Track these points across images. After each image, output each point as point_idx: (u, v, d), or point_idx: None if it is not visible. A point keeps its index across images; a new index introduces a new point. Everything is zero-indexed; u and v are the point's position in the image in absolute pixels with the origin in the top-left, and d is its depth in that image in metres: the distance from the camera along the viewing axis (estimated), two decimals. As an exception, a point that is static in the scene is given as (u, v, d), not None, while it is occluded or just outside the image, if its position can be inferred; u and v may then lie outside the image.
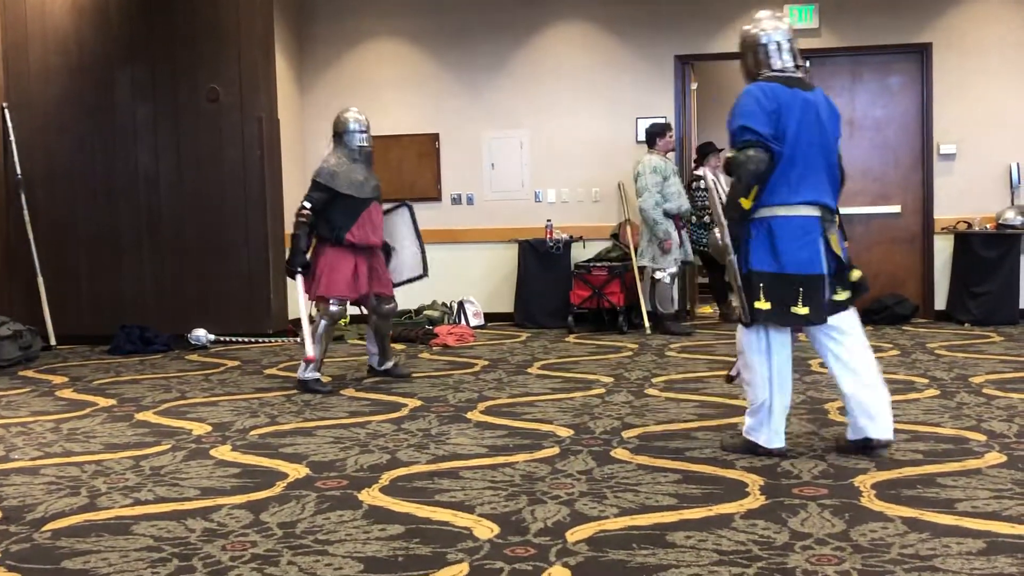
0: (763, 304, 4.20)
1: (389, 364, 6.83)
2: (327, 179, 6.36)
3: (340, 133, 6.60)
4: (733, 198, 4.31)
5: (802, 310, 4.19)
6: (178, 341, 8.52)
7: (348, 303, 6.50)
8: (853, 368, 4.29)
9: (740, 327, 4.42)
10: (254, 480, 4.23)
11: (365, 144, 6.56)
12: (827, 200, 4.30)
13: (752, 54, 4.44)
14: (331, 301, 6.33)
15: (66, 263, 8.96)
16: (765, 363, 4.33)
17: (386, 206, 6.84)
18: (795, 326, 4.33)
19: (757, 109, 4.21)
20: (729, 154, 4.27)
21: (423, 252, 6.88)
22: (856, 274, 4.38)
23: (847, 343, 4.32)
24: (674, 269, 8.56)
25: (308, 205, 6.31)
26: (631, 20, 9.47)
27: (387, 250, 6.73)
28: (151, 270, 8.92)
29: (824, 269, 4.24)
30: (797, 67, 4.41)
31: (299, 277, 6.35)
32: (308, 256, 6.38)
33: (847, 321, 4.35)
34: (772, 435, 4.37)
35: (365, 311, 6.70)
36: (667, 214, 8.45)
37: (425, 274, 6.91)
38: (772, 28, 4.41)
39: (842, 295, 4.33)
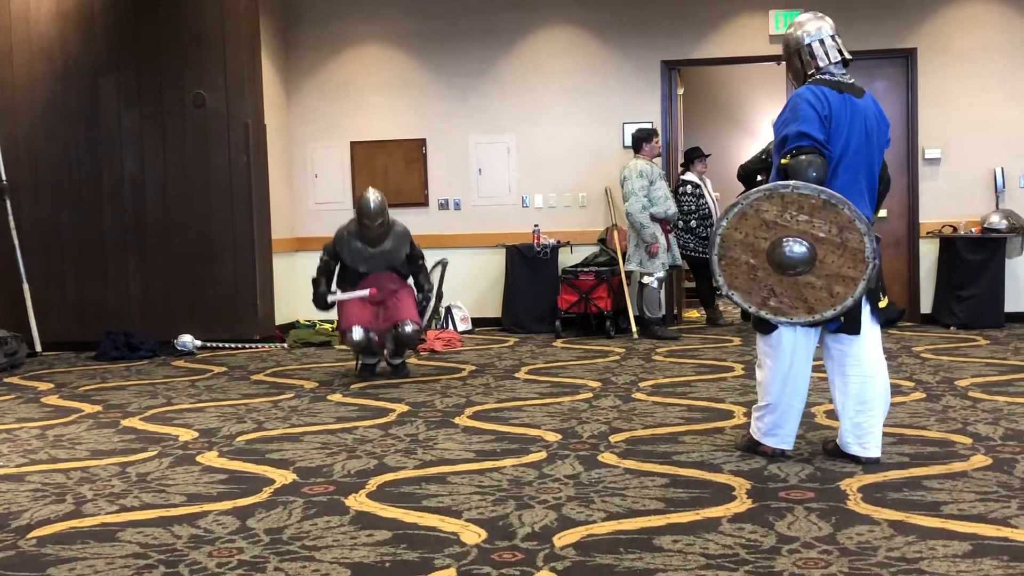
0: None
1: (398, 361, 7.00)
2: (335, 241, 6.87)
3: (357, 215, 6.86)
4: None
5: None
6: (164, 347, 8.50)
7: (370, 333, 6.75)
8: (855, 385, 4.28)
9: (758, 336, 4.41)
10: (241, 486, 4.22)
11: (370, 232, 6.77)
12: (867, 212, 4.22)
13: (797, 56, 4.39)
14: (350, 330, 6.68)
15: (52, 269, 8.93)
16: (774, 364, 4.33)
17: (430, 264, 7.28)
18: (831, 330, 4.27)
19: (813, 114, 4.14)
20: (784, 161, 4.14)
21: (426, 304, 7.18)
22: (883, 302, 4.31)
23: (857, 359, 4.28)
24: (662, 274, 8.57)
25: (321, 258, 6.94)
26: (618, 25, 9.49)
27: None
28: (137, 276, 8.89)
29: None
30: (845, 63, 4.36)
31: (336, 295, 6.86)
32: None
33: (864, 339, 4.29)
34: (779, 436, 4.38)
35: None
36: (654, 218, 8.46)
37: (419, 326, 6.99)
38: (815, 28, 4.35)
39: (883, 301, 4.29)
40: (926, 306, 9.16)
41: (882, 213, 9.22)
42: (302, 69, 10.03)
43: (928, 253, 9.16)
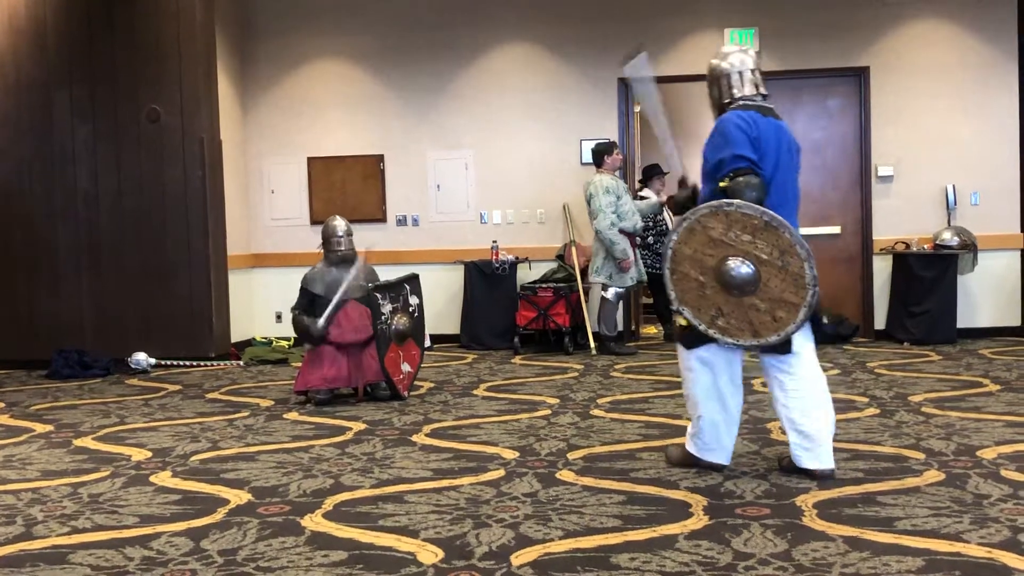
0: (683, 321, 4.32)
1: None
2: (306, 283, 6.80)
3: (324, 240, 6.87)
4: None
5: None
6: (118, 365, 8.39)
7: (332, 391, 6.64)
8: (795, 398, 4.33)
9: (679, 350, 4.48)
10: (195, 507, 4.17)
11: (341, 248, 6.80)
12: (795, 226, 4.33)
13: (717, 85, 4.52)
14: (310, 393, 6.59)
15: (2, 285, 8.81)
16: (703, 378, 4.40)
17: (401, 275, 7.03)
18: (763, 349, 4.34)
19: (743, 137, 4.23)
20: (723, 184, 4.20)
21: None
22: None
23: (794, 373, 4.35)
24: (631, 284, 8.62)
25: (295, 310, 6.79)
26: (575, 42, 9.54)
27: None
28: (90, 292, 8.78)
29: None
30: (764, 96, 4.49)
31: (323, 320, 6.61)
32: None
33: (800, 353, 4.35)
34: (714, 451, 4.44)
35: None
36: (623, 233, 8.47)
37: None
38: (739, 61, 4.52)
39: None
40: (880, 322, 9.26)
41: (835, 230, 9.35)
42: (259, 84, 9.98)
43: (881, 270, 9.27)
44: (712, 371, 4.41)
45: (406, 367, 6.72)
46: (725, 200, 4.14)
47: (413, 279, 7.02)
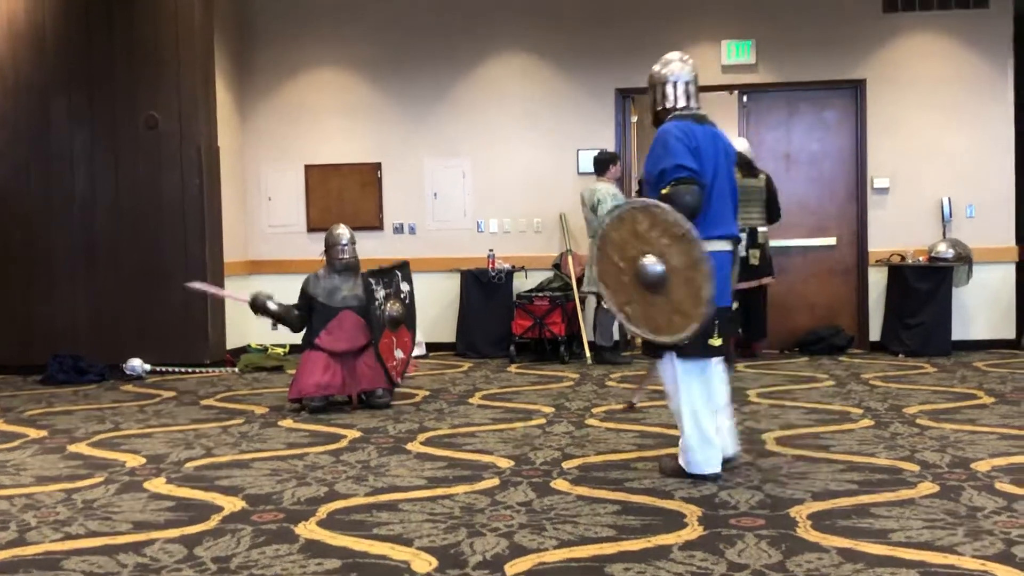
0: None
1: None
2: (306, 285, 6.82)
3: (327, 247, 6.90)
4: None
5: (716, 341, 4.43)
6: (113, 371, 8.38)
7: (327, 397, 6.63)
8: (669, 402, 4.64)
9: (662, 363, 4.57)
10: (188, 513, 4.16)
11: (344, 256, 6.82)
12: (735, 232, 4.60)
13: (654, 92, 4.71)
14: (304, 400, 6.57)
15: (-2, 290, 8.81)
16: (688, 394, 4.50)
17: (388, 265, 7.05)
18: (711, 357, 4.50)
19: (683, 148, 4.40)
20: (664, 191, 4.37)
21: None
22: (716, 341, 4.54)
23: (664, 378, 4.64)
24: None
25: (296, 306, 6.85)
26: (573, 53, 9.56)
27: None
28: (86, 298, 8.77)
29: (731, 303, 4.55)
30: (698, 107, 4.69)
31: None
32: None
33: (666, 363, 4.58)
34: (702, 462, 4.48)
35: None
36: None
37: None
38: (678, 70, 4.69)
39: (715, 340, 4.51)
40: (875, 334, 9.27)
41: (831, 241, 9.36)
42: (257, 91, 9.99)
43: (877, 281, 9.28)
44: (701, 385, 4.49)
45: (399, 353, 6.76)
46: (655, 202, 4.34)
47: (404, 266, 7.07)
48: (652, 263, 4.31)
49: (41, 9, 8.75)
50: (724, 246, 4.50)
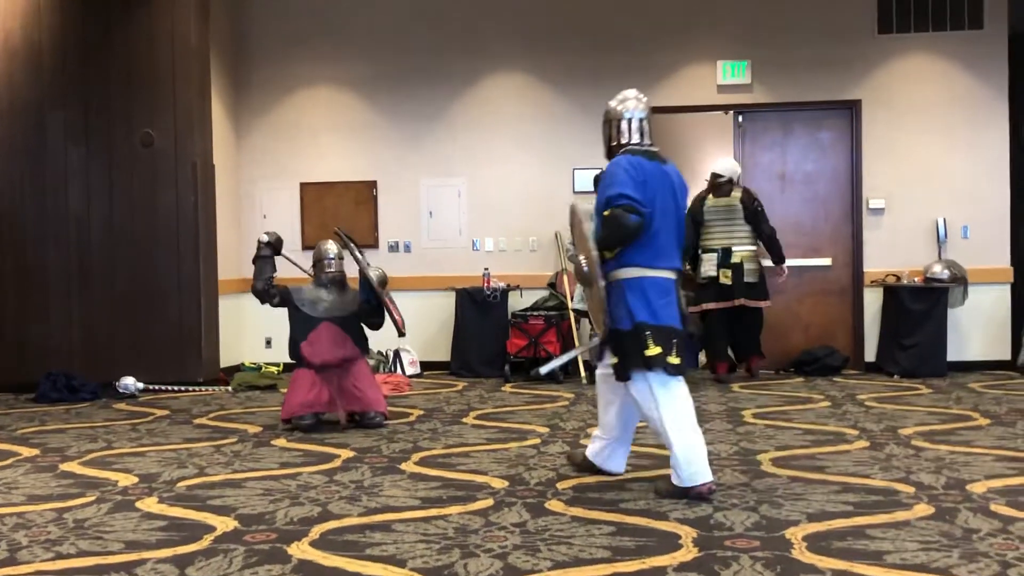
0: (654, 350, 4.55)
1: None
2: (292, 291, 6.80)
3: (315, 262, 6.94)
4: (599, 248, 4.67)
5: (675, 360, 4.59)
6: (106, 389, 8.35)
7: (320, 415, 6.65)
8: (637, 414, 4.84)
9: (635, 384, 4.67)
10: (181, 533, 4.13)
11: (331, 270, 6.85)
12: (679, 265, 4.81)
13: (609, 127, 4.96)
14: (294, 420, 6.56)
15: (-9, 308, 8.78)
16: (666, 410, 4.58)
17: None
18: (671, 375, 4.62)
19: (629, 179, 4.63)
20: (606, 213, 4.60)
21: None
22: (652, 351, 4.71)
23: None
24: None
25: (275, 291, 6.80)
26: (568, 73, 9.59)
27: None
28: (80, 316, 8.75)
29: (680, 324, 4.71)
30: (651, 144, 4.90)
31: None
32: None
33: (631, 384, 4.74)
34: (694, 473, 4.52)
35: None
36: None
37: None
38: (632, 107, 4.92)
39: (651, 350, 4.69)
40: (870, 354, 9.27)
41: (827, 262, 9.37)
42: (253, 109, 10.01)
43: (872, 302, 9.29)
44: (672, 401, 4.59)
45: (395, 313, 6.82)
46: (590, 221, 4.72)
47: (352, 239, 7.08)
48: (584, 262, 4.74)
49: (37, 27, 8.76)
50: (667, 275, 4.71)
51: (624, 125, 4.90)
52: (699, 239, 8.67)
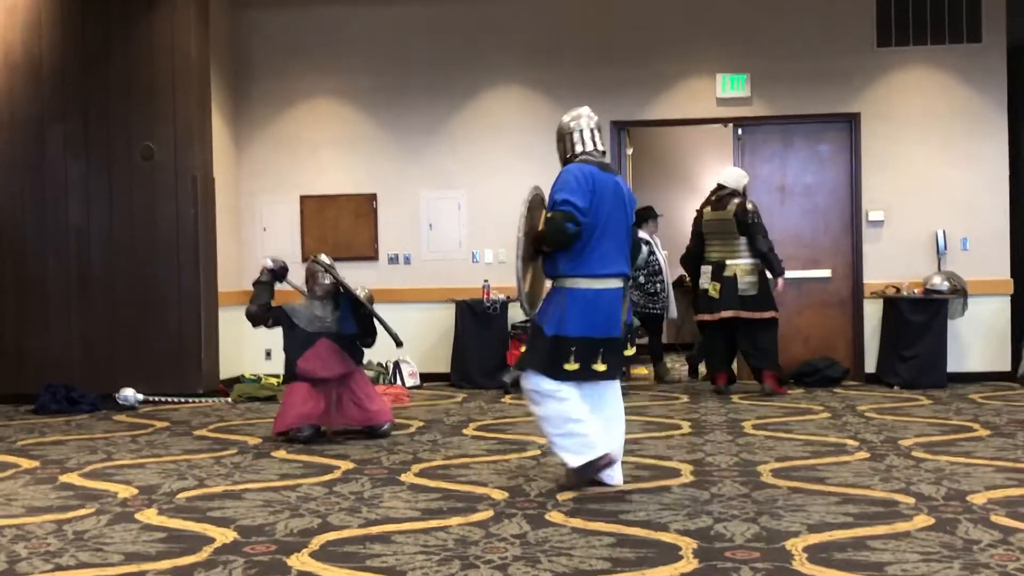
0: (572, 365, 4.89)
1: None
2: (288, 309, 6.79)
3: (308, 276, 6.93)
4: (537, 244, 5.07)
5: (601, 367, 4.93)
6: (106, 401, 8.34)
7: (317, 427, 6.67)
8: (607, 412, 5.12)
9: (522, 378, 5.09)
10: (180, 545, 4.13)
11: (324, 282, 6.84)
12: (627, 271, 5.10)
13: (563, 140, 5.25)
14: (291, 432, 6.58)
15: (-9, 320, 8.78)
16: (543, 409, 4.98)
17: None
18: (593, 380, 4.99)
19: (577, 186, 4.93)
20: (548, 215, 4.93)
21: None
22: (629, 351, 5.16)
23: (607, 393, 5.15)
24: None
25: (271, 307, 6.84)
26: (568, 85, 9.60)
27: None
28: (80, 327, 8.76)
29: (620, 333, 5.01)
30: (602, 153, 5.22)
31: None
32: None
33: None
34: (580, 448, 4.90)
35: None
36: None
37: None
38: (586, 122, 5.22)
39: (629, 351, 5.16)
40: (870, 366, 9.27)
41: (826, 273, 9.38)
42: (253, 122, 10.02)
43: (872, 314, 9.29)
44: (573, 391, 4.97)
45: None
46: (530, 228, 5.05)
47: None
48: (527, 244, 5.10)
49: (38, 40, 8.78)
50: (613, 283, 4.98)
51: (577, 136, 5.19)
52: (702, 251, 8.70)
